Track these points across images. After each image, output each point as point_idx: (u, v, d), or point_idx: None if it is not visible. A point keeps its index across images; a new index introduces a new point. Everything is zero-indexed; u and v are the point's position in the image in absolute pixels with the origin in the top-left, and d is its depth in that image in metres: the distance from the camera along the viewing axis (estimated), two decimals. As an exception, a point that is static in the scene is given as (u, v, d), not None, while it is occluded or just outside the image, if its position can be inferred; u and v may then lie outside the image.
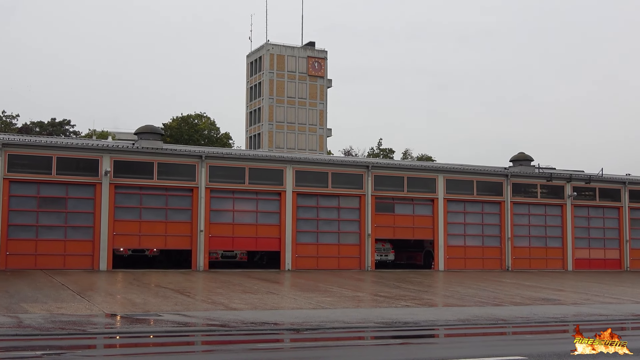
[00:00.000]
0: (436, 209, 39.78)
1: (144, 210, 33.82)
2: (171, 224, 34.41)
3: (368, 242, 37.80)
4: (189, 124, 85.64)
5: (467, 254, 40.71)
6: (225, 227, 35.31)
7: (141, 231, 34.05)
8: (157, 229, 34.34)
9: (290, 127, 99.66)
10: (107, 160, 33.00)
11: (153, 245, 34.28)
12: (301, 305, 20.80)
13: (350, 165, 38.84)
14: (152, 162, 34.00)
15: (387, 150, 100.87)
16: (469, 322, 17.99)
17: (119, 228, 33.28)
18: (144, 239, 34.25)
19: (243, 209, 35.74)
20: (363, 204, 37.95)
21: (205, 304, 20.48)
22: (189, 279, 29.74)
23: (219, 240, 35.17)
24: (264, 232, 36.06)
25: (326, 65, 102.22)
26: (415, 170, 39.88)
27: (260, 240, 36.11)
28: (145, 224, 33.90)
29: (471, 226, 41.06)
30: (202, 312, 18.63)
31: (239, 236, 35.58)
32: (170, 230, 34.63)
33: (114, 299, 21.04)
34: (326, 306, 20.58)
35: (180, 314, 17.85)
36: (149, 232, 34.47)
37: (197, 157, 34.81)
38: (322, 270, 36.22)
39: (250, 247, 36.19)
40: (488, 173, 41.67)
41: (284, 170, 36.49)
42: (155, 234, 34.84)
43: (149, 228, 34.13)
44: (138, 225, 33.81)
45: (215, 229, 34.95)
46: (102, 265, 32.38)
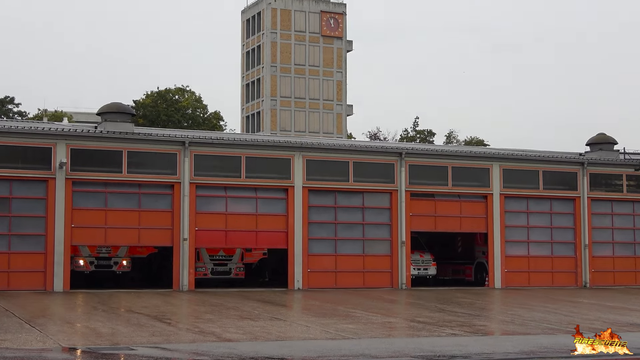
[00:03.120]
0: (490, 208, 39.61)
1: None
2: (145, 232, 34.47)
3: (402, 252, 37.72)
4: (167, 100, 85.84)
5: (532, 266, 40.52)
6: (216, 219, 35.25)
7: (107, 240, 34.13)
8: (128, 237, 34.42)
9: (299, 103, 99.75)
10: (62, 149, 33.07)
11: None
12: (315, 334, 20.71)
13: (378, 152, 38.75)
14: (121, 150, 34.05)
15: (425, 132, 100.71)
16: (535, 355, 17.86)
17: (78, 237, 33.37)
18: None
19: (238, 211, 35.73)
20: (395, 203, 37.86)
21: (190, 333, 20.46)
22: (170, 301, 29.70)
23: (209, 236, 35.16)
24: (266, 224, 36.00)
25: (345, 22, 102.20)
26: (463, 158, 39.73)
27: (262, 235, 36.03)
28: (112, 231, 33.98)
29: (536, 230, 40.85)
30: (187, 344, 18.59)
31: (234, 230, 35.54)
32: (145, 238, 34.71)
33: (73, 329, 21.03)
34: (348, 336, 20.50)
35: (158, 348, 17.84)
36: (117, 241, 34.56)
37: (179, 144, 34.84)
38: (342, 289, 36.17)
39: (249, 243, 36.22)
40: (558, 161, 41.44)
41: (292, 160, 36.46)
42: (126, 244, 34.91)
43: (118, 236, 34.21)
44: (103, 233, 33.90)
45: (204, 222, 34.87)
46: (57, 285, 32.50)
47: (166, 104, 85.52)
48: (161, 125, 79.50)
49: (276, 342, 19.12)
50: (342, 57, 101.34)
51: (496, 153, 40.88)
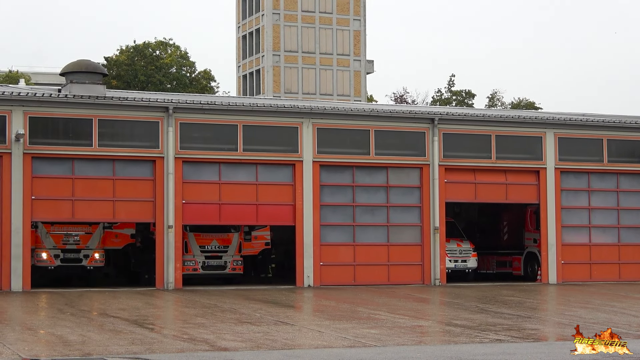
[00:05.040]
0: (543, 184, 39.50)
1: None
2: (122, 208, 34.62)
3: (435, 241, 37.71)
4: (146, 57, 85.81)
5: (594, 256, 40.44)
6: (208, 191, 35.47)
7: (75, 217, 34.23)
8: (99, 213, 34.59)
9: (308, 59, 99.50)
10: (19, 118, 33.11)
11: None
12: (330, 342, 20.76)
13: (404, 118, 38.66)
14: (90, 118, 34.08)
15: (462, 93, 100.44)
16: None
17: (39, 216, 33.62)
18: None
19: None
20: (426, 180, 37.80)
21: (178, 341, 20.53)
22: (152, 302, 29.79)
23: (198, 210, 35.35)
24: (268, 195, 36.18)
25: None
26: (509, 125, 39.59)
27: (263, 209, 36.09)
28: (81, 207, 34.07)
29: (600, 212, 40.79)
30: (174, 354, 18.65)
31: (229, 203, 35.65)
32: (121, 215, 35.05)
33: (36, 336, 21.12)
34: (370, 343, 20.54)
35: (139, 358, 17.92)
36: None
37: (162, 110, 34.84)
38: (363, 286, 36.25)
39: (248, 219, 36.41)
40: (626, 127, 41.24)
41: (299, 129, 36.43)
42: (99, 219, 35.14)
43: (88, 213, 34.43)
44: (70, 213, 34.02)
45: (192, 195, 35.04)
46: (15, 284, 32.62)
47: (145, 61, 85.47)
48: (139, 87, 79.53)
49: (282, 352, 19.18)
50: (361, 2, 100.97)
51: (551, 118, 40.70)
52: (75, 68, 35.90)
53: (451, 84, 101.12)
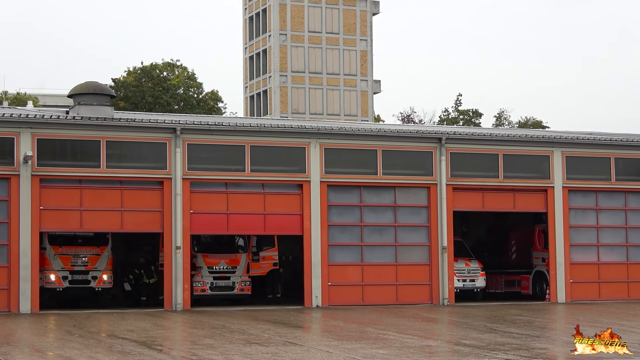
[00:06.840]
0: (551, 203, 39.50)
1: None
2: (130, 219, 34.81)
3: (443, 260, 37.69)
4: (153, 78, 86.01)
5: (603, 275, 40.39)
6: (215, 199, 35.63)
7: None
8: (107, 225, 34.71)
9: (315, 79, 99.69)
10: (27, 140, 33.20)
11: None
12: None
13: (412, 137, 38.72)
14: (98, 140, 34.17)
15: (470, 112, 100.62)
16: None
17: (47, 227, 33.74)
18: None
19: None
20: (434, 199, 37.82)
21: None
22: (161, 323, 29.79)
23: (206, 220, 35.47)
24: (276, 205, 36.24)
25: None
26: (517, 144, 39.61)
27: (270, 219, 36.17)
28: (88, 225, 34.28)
29: (608, 231, 40.75)
30: (183, 375, 18.68)
31: (236, 212, 35.80)
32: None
33: (45, 358, 21.13)
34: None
35: (148, 380, 17.93)
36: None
37: (169, 131, 34.93)
38: (371, 306, 36.22)
39: (256, 228, 36.47)
40: (633, 145, 41.20)
41: (307, 149, 36.48)
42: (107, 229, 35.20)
43: (93, 226, 34.62)
44: (78, 223, 34.16)
45: (200, 205, 35.25)
46: (23, 305, 32.67)
47: (152, 82, 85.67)
48: (147, 108, 79.68)
49: (291, 372, 19.18)
50: (367, 22, 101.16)
51: (558, 137, 40.71)
52: (82, 90, 36.01)
53: (458, 104, 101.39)
